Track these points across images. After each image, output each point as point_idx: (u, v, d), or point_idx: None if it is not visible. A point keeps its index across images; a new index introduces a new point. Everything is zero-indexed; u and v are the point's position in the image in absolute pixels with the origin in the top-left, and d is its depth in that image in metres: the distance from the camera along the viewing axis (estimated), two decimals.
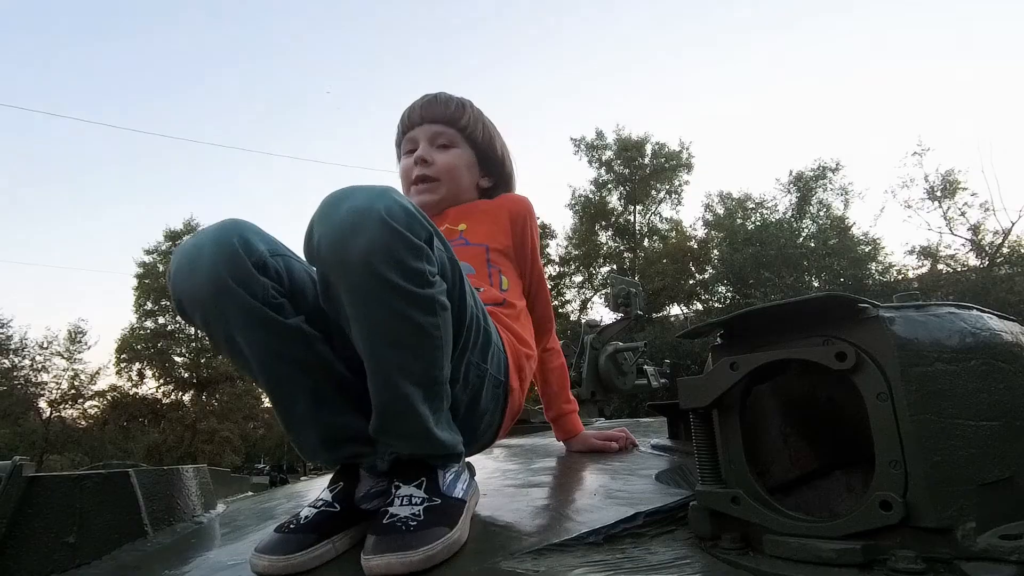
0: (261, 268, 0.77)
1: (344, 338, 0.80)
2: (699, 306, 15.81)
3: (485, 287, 1.14)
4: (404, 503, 0.75)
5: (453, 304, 0.79)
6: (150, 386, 21.18)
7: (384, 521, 0.72)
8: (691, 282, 16.35)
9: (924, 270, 13.16)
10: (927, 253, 13.02)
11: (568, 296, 18.48)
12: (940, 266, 12.86)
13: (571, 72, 28.51)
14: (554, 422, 1.42)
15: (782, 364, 0.66)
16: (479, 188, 1.33)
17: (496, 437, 1.08)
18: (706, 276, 16.10)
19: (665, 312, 15.90)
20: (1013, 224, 11.91)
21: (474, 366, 0.91)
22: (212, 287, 0.74)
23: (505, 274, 1.20)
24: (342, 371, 0.83)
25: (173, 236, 20.79)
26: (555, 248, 18.62)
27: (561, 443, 1.44)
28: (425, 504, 0.75)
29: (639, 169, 17.55)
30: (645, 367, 5.50)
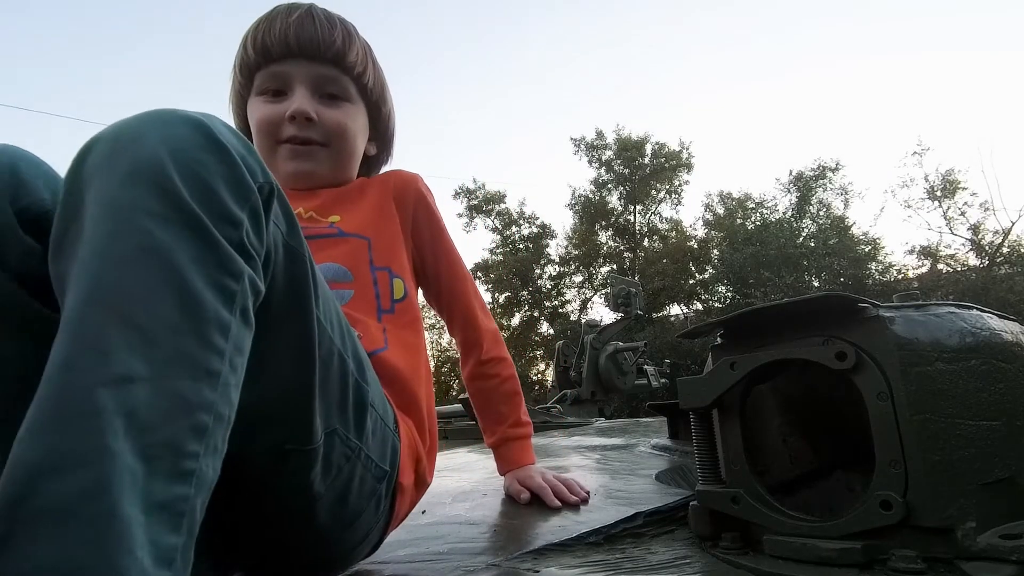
0: (30, 224, 0.44)
1: None
2: (699, 306, 15.81)
3: (365, 295, 0.81)
4: None
5: (276, 306, 0.45)
6: None
7: None
8: (691, 282, 16.34)
9: (924, 270, 13.16)
10: (927, 253, 13.02)
11: (568, 296, 18.50)
12: (940, 266, 12.86)
13: (571, 71, 28.56)
14: (495, 449, 1.02)
15: (782, 364, 0.67)
16: (365, 158, 0.98)
17: (365, 556, 0.72)
18: (706, 276, 16.09)
19: (665, 312, 15.90)
20: (1013, 224, 11.91)
21: (340, 440, 0.57)
22: None
23: (399, 274, 0.86)
24: None
25: None
26: (555, 248, 18.64)
27: (561, 443, 1.42)
28: None
29: (639, 169, 17.55)
30: (645, 367, 5.53)
